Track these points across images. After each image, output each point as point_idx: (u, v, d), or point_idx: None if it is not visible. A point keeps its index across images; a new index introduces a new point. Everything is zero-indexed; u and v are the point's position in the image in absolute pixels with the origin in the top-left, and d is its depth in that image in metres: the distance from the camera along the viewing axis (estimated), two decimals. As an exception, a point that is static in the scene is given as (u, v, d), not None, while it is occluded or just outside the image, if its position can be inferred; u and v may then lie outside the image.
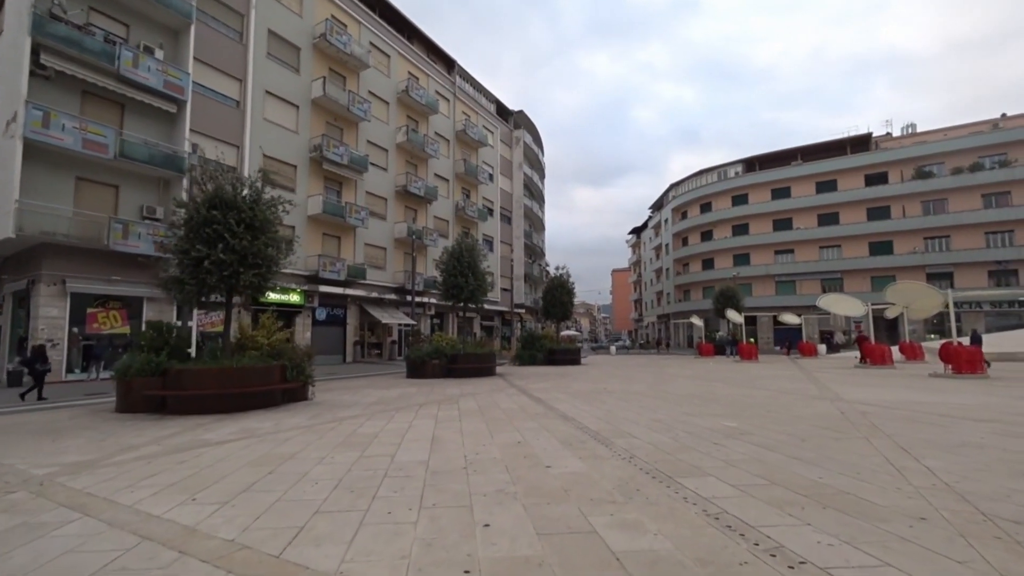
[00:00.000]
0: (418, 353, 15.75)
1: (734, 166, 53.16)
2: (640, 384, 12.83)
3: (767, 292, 47.97)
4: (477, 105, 39.53)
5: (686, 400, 9.25)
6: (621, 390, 11.29)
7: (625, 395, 10.23)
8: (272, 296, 22.01)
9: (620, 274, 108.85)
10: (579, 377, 15.49)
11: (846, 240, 45.28)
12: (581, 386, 12.39)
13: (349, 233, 26.30)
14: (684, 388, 11.62)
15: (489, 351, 16.90)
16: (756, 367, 19.87)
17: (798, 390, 10.89)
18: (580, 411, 7.92)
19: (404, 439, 5.78)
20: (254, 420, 7.41)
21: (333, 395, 10.89)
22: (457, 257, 16.75)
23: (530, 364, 22.86)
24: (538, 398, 9.86)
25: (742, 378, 14.45)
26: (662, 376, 15.58)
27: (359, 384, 13.76)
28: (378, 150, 28.89)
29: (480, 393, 10.90)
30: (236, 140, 20.87)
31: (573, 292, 24.97)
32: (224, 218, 9.01)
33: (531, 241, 47.10)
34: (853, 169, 45.84)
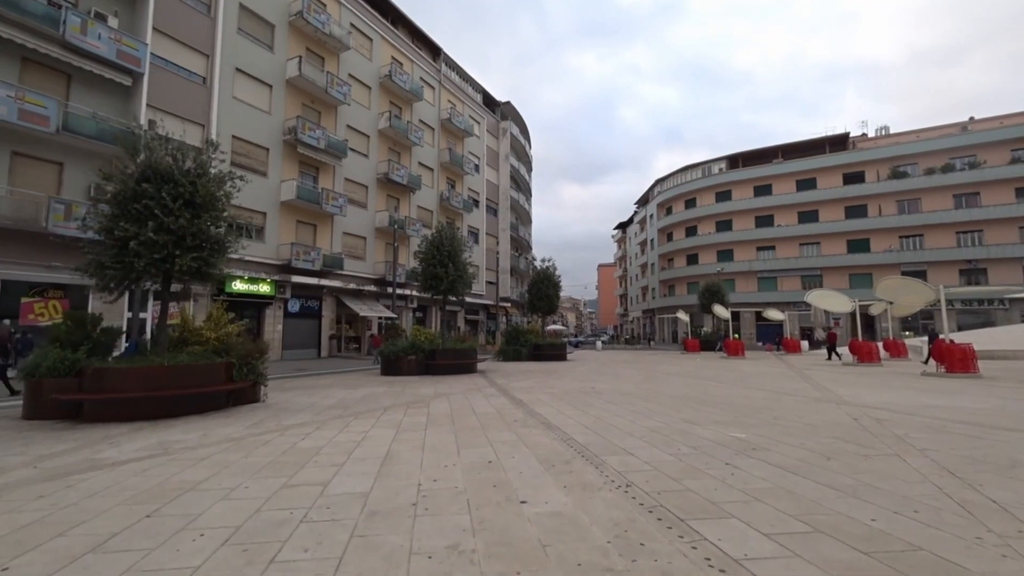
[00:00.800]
0: (392, 349, 14.69)
1: (718, 162, 52.83)
2: (629, 383, 11.99)
3: (750, 288, 47.84)
4: (463, 94, 38.26)
5: (681, 403, 8.40)
6: (610, 390, 10.42)
7: (614, 396, 9.35)
8: (239, 286, 20.72)
9: (606, 269, 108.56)
10: (565, 375, 14.62)
11: (825, 237, 45.33)
12: (567, 385, 11.50)
13: (326, 221, 24.98)
14: (676, 388, 10.80)
15: (470, 347, 15.92)
16: (744, 364, 19.25)
17: (796, 391, 10.14)
18: (565, 417, 7.00)
19: (350, 457, 4.78)
20: (179, 430, 6.33)
21: (290, 396, 9.81)
22: (436, 246, 15.70)
23: (514, 360, 21.96)
24: (519, 400, 8.92)
25: (733, 376, 13.73)
26: (652, 373, 14.80)
27: (325, 383, 12.67)
28: (359, 136, 27.53)
29: (455, 394, 9.92)
30: (202, 119, 19.42)
31: (559, 285, 24.09)
32: (157, 192, 7.84)
33: (517, 234, 46.10)
34: (832, 168, 45.89)
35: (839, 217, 44.40)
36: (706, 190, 52.00)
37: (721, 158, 52.20)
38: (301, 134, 22.54)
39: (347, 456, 4.83)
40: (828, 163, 45.44)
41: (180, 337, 9.59)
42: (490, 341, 36.34)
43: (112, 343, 9.23)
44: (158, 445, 5.46)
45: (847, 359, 18.82)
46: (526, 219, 50.92)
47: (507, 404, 8.41)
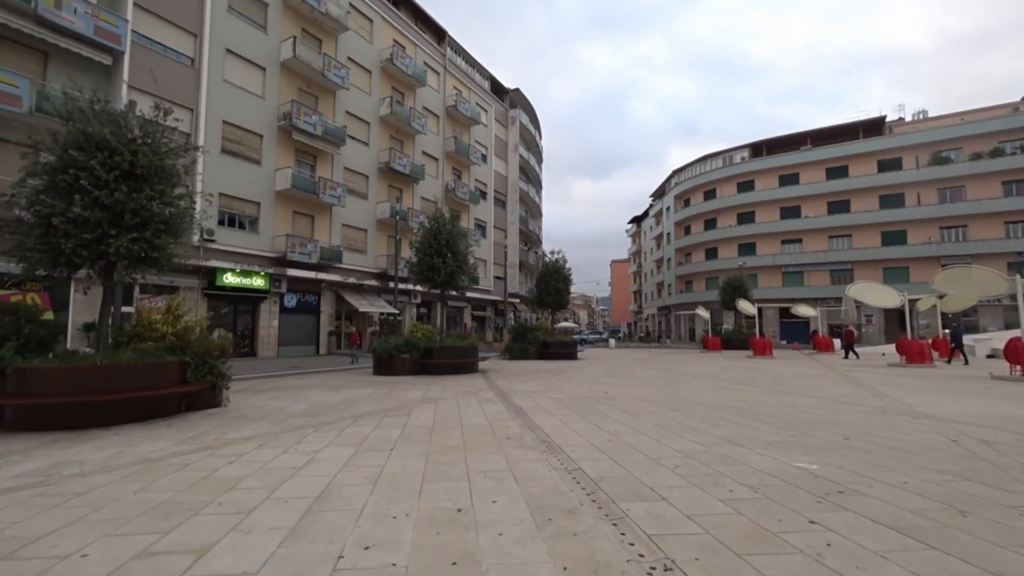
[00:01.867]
0: (385, 346, 13.40)
1: (740, 151, 50.68)
2: (648, 386, 10.51)
3: (774, 284, 45.76)
4: (470, 80, 36.87)
5: (716, 413, 6.92)
6: (626, 395, 8.96)
7: (632, 404, 7.90)
8: (231, 279, 19.65)
9: (619, 265, 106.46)
10: (574, 375, 13.18)
11: (857, 229, 43.06)
12: (575, 388, 10.07)
13: (324, 212, 23.83)
14: (705, 393, 9.30)
15: (470, 344, 14.57)
16: (775, 364, 17.59)
17: (851, 397, 8.58)
18: (572, 433, 5.58)
19: (271, 496, 3.43)
20: (94, 445, 5.08)
21: (260, 399, 8.54)
22: (433, 234, 14.35)
23: (521, 358, 20.57)
24: (518, 407, 7.52)
25: (768, 379, 12.15)
26: (672, 375, 13.28)
27: (310, 383, 11.41)
28: (358, 122, 26.33)
29: (446, 398, 8.56)
30: (190, 102, 18.34)
31: (570, 279, 22.61)
32: (87, 161, 6.59)
33: (527, 227, 44.66)
34: (865, 154, 43.50)
35: (873, 207, 42.09)
36: (727, 180, 49.93)
37: (743, 146, 50.05)
38: (296, 120, 21.38)
39: (268, 494, 3.49)
40: (862, 149, 43.07)
41: (134, 332, 8.34)
42: (497, 338, 35.00)
43: (53, 338, 8.06)
44: (49, 468, 4.20)
45: (892, 359, 17.08)
46: (536, 212, 49.42)
47: (503, 413, 7.02)
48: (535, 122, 48.36)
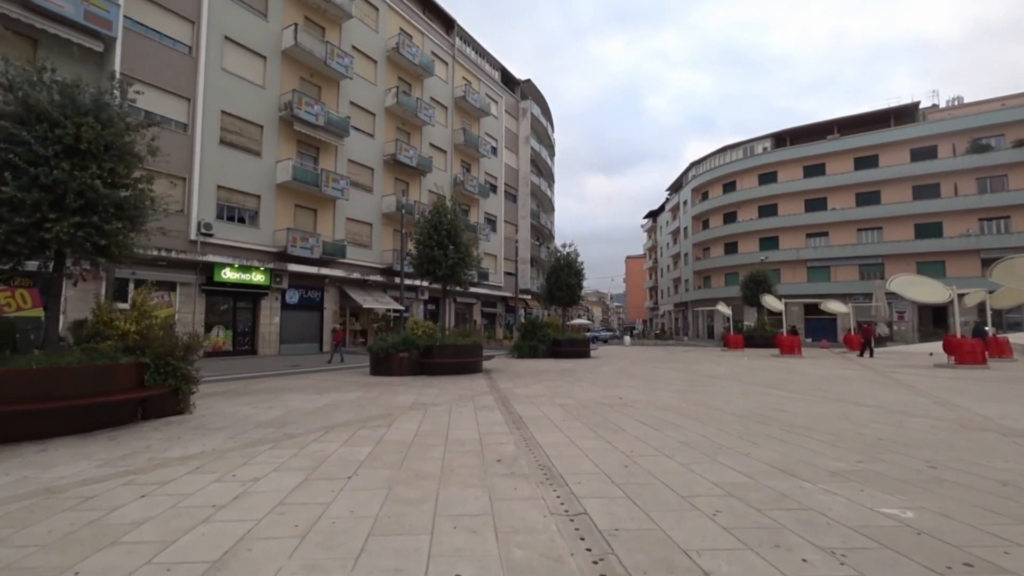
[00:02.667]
0: (382, 345, 12.49)
1: (762, 141, 48.77)
2: (668, 390, 9.38)
3: (798, 279, 43.91)
4: (479, 71, 35.83)
5: (753, 427, 5.80)
6: (644, 402, 7.87)
7: (651, 414, 6.81)
8: (229, 275, 18.99)
9: (634, 261, 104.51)
10: (585, 376, 12.10)
11: (888, 221, 41.01)
12: (586, 393, 9.01)
13: (327, 206, 23.08)
14: (735, 399, 8.15)
15: (473, 342, 13.59)
16: (806, 365, 16.24)
17: (911, 407, 7.36)
18: (578, 455, 4.54)
19: (156, 558, 2.48)
20: (0, 468, 4.20)
21: (231, 405, 7.66)
22: (434, 225, 13.38)
23: (530, 357, 19.55)
24: (518, 416, 6.50)
25: (804, 382, 10.91)
26: (694, 376, 12.11)
27: (297, 384, 10.55)
28: (363, 113, 25.52)
29: (438, 404, 7.57)
30: (187, 92, 17.68)
31: (582, 274, 21.47)
32: (22, 135, 5.75)
33: (538, 222, 43.52)
34: (898, 143, 41.35)
35: (906, 198, 40.02)
36: (748, 172, 48.11)
37: (765, 136, 48.13)
38: (297, 109, 20.62)
39: (152, 555, 2.52)
40: (894, 138, 40.94)
41: (94, 331, 7.52)
42: (507, 335, 34.00)
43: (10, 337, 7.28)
44: None
45: (939, 359, 15.62)
46: (548, 206, 48.24)
47: (499, 424, 6.00)
48: (547, 114, 47.14)
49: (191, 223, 17.38)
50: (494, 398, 8.25)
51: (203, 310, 17.80)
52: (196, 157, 17.56)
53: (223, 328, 18.79)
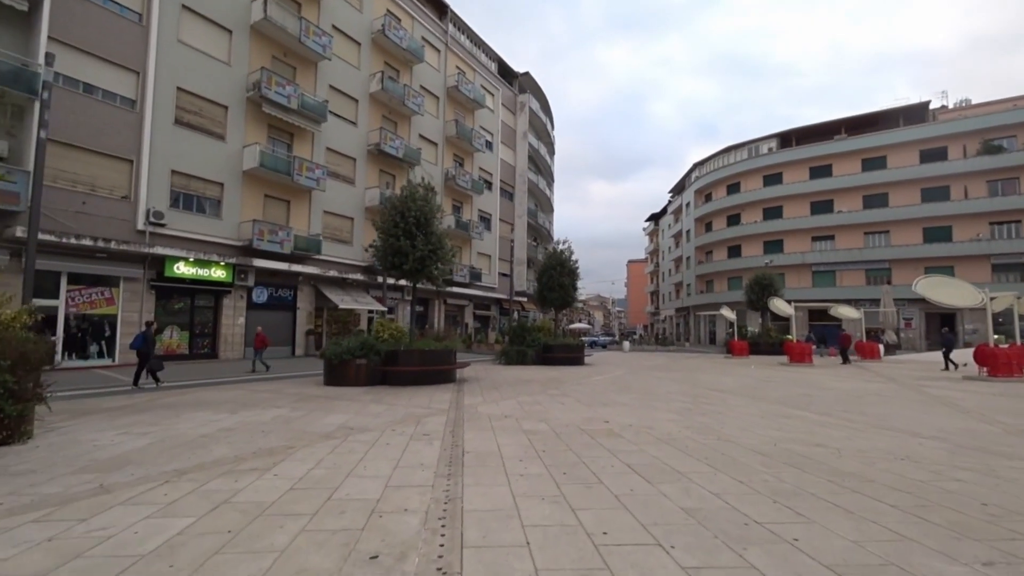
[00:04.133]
0: (336, 350, 10.72)
1: (767, 141, 47.00)
2: (668, 410, 7.60)
3: (803, 284, 42.10)
4: (474, 61, 34.14)
5: (789, 477, 4.03)
6: (636, 428, 6.09)
7: (644, 449, 5.04)
8: (182, 269, 17.24)
9: (636, 265, 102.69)
10: (572, 389, 10.32)
11: (896, 225, 39.26)
12: (566, 412, 7.24)
13: (302, 197, 21.34)
14: (752, 424, 6.38)
15: (445, 347, 11.80)
16: (821, 375, 14.45)
17: (982, 437, 5.58)
18: (513, 545, 2.79)
19: None
20: None
21: (95, 429, 5.89)
22: (401, 212, 11.65)
23: (519, 363, 17.79)
24: (461, 453, 4.73)
25: (828, 399, 9.12)
26: (698, 390, 10.32)
27: (216, 398, 8.78)
28: (345, 99, 23.81)
29: (369, 430, 5.79)
30: (135, 64, 15.96)
31: (576, 273, 19.71)
32: None
33: (536, 221, 41.78)
34: (906, 144, 39.62)
35: (914, 201, 38.29)
36: (752, 173, 46.38)
37: (770, 136, 46.38)
38: (266, 89, 18.88)
39: None
40: (902, 138, 39.24)
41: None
42: (499, 340, 32.20)
43: None
44: None
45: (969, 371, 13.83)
46: (547, 206, 46.50)
47: (424, 470, 4.21)
48: (547, 110, 45.45)
49: (139, 211, 15.64)
50: (446, 420, 6.48)
51: (152, 308, 16.04)
52: (145, 137, 15.83)
53: (178, 329, 17.03)
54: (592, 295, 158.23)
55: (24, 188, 12.85)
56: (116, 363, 15.15)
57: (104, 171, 15.19)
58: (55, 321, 13.92)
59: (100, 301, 15.03)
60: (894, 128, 40.53)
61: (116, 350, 15.30)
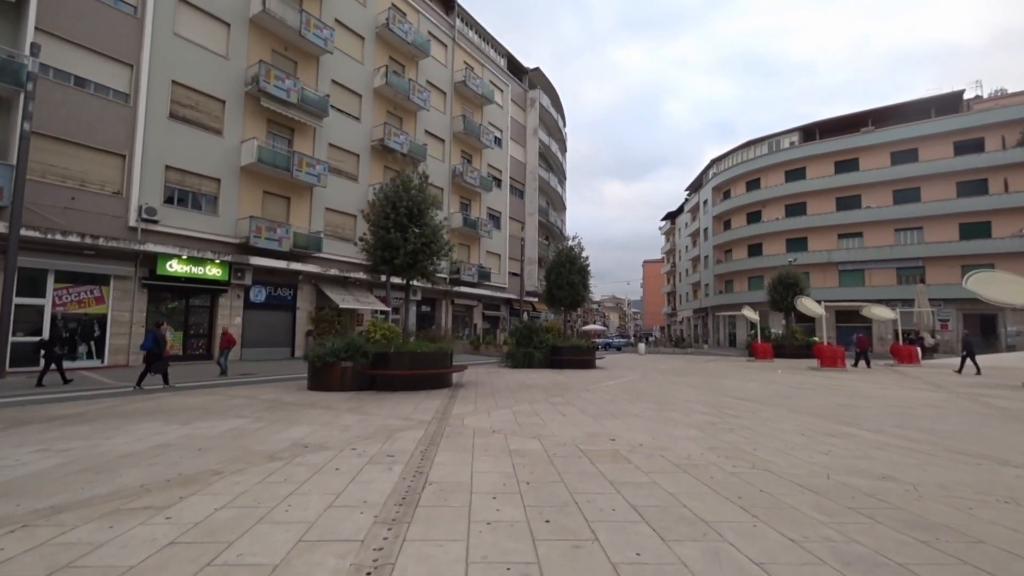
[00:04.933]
0: (319, 352, 9.84)
1: (788, 135, 45.15)
2: (687, 425, 6.51)
3: (828, 283, 40.19)
4: (483, 56, 33.30)
5: (859, 532, 2.96)
6: (646, 450, 5.03)
7: (656, 480, 3.99)
8: (176, 267, 16.61)
9: (652, 265, 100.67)
10: (579, 396, 9.25)
11: (930, 221, 37.19)
12: (566, 427, 6.20)
13: (302, 193, 20.68)
14: (793, 447, 5.26)
15: (438, 350, 10.83)
16: (859, 381, 13.09)
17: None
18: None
19: None
20: None
21: (6, 446, 5.06)
22: (392, 203, 10.75)
23: (525, 366, 16.77)
24: (422, 485, 3.74)
25: (876, 411, 7.89)
26: (721, 399, 9.15)
27: (182, 404, 7.95)
28: (348, 94, 23.14)
29: (326, 449, 4.84)
30: (129, 57, 15.43)
31: (587, 271, 18.61)
32: None
33: (548, 220, 40.71)
34: (940, 135, 37.50)
35: (949, 195, 36.21)
36: (773, 168, 44.61)
37: (793, 130, 44.55)
38: (265, 83, 18.25)
39: None
40: (935, 129, 37.16)
41: None
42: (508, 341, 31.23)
43: None
44: None
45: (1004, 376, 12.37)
46: (559, 204, 45.39)
47: (363, 512, 3.23)
48: (558, 106, 44.36)
49: (131, 207, 15.07)
50: (423, 436, 5.50)
51: (144, 308, 15.47)
52: (139, 131, 15.28)
53: (171, 329, 16.43)
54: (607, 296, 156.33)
55: (7, 182, 12.34)
56: (106, 364, 14.58)
57: (95, 166, 14.64)
58: (40, 320, 13.38)
59: (89, 300, 14.46)
60: (925, 119, 38.44)
61: (106, 351, 14.72)
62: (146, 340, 10.62)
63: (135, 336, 15.16)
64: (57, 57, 13.81)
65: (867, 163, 39.99)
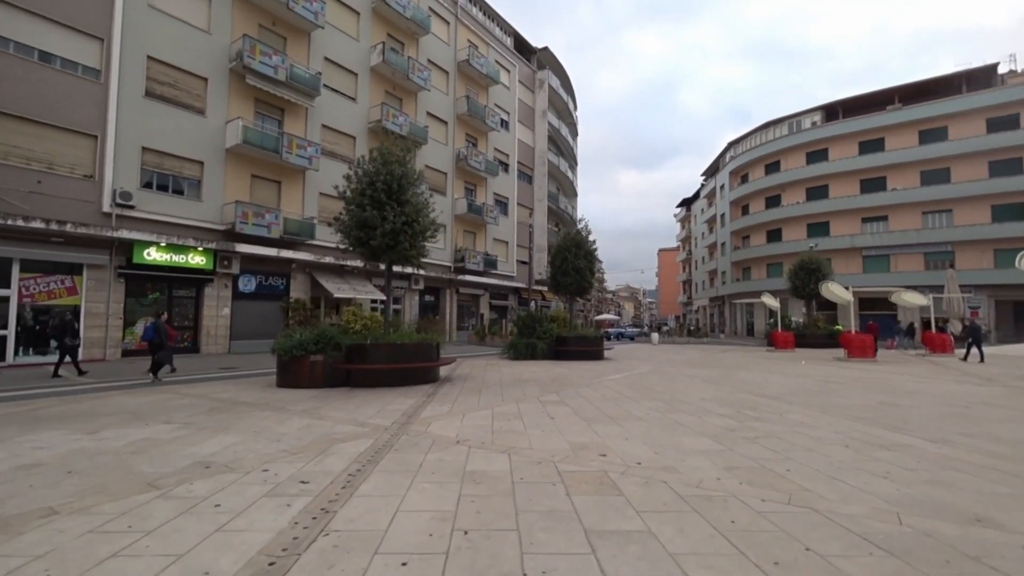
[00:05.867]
0: (286, 344, 8.82)
1: (810, 115, 42.88)
2: (701, 432, 5.31)
3: (851, 269, 38.20)
4: (488, 35, 31.81)
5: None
6: (647, 472, 3.86)
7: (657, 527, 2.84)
8: (154, 255, 15.77)
9: (667, 254, 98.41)
10: (577, 393, 8.09)
11: (960, 203, 35.05)
12: (551, 436, 5.06)
13: (294, 177, 19.70)
14: (838, 464, 4.05)
15: (422, 341, 9.73)
16: (894, 374, 11.70)
17: None
18: None
19: None
20: None
21: None
22: (371, 179, 9.63)
23: (528, 358, 15.68)
24: (324, 534, 2.63)
25: (927, 411, 6.59)
26: (741, 395, 7.90)
27: (119, 405, 7.00)
28: (343, 73, 22.01)
29: (233, 469, 3.77)
30: (99, 31, 14.47)
31: (594, 256, 17.34)
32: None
33: (558, 206, 39.30)
34: (971, 112, 35.13)
35: (981, 175, 33.98)
36: (794, 150, 42.51)
37: (814, 109, 42.31)
38: (250, 59, 17.19)
39: None
40: (966, 106, 34.82)
41: None
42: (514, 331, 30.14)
43: None
44: None
45: None
46: (570, 190, 43.88)
47: None
48: (568, 88, 42.62)
49: (104, 191, 14.23)
50: (364, 451, 4.41)
51: (122, 299, 14.69)
52: (111, 111, 14.38)
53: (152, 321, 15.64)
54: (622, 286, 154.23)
55: (-36, 164, 11.51)
56: (80, 358, 13.81)
57: (64, 147, 13.77)
58: (6, 312, 12.64)
59: (60, 291, 13.68)
60: (956, 96, 35.99)
61: (80, 344, 13.93)
62: (146, 332, 10.61)
63: (112, 329, 14.40)
64: (16, 29, 12.90)
65: (893, 143, 37.77)
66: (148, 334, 10.40)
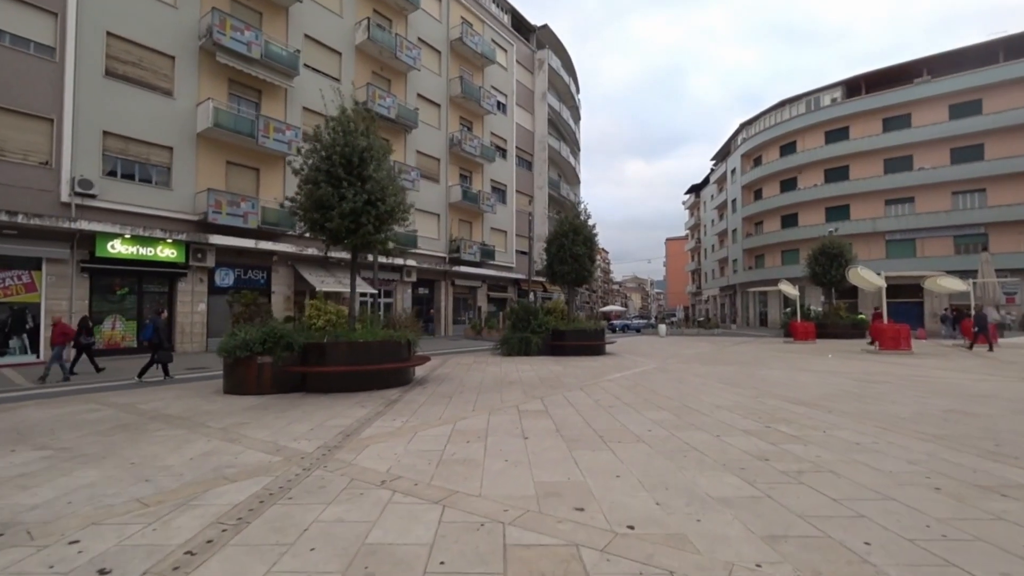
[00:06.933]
0: (230, 344, 7.57)
1: (829, 91, 40.63)
2: (721, 455, 3.97)
3: (874, 255, 36.17)
4: (482, 11, 30.20)
5: None
6: (642, 541, 2.54)
7: None
8: (119, 248, 14.48)
9: (675, 243, 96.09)
10: (568, 399, 6.75)
11: (994, 181, 32.89)
12: (511, 477, 3.73)
13: (273, 164, 18.48)
14: (941, 511, 2.69)
15: (390, 338, 8.43)
16: (938, 368, 10.21)
17: None
18: None
19: None
20: None
21: None
22: (328, 152, 8.29)
23: (521, 353, 14.35)
24: None
25: (1008, 418, 5.17)
26: (768, 403, 6.51)
27: (19, 420, 5.81)
28: (325, 52, 20.67)
29: (39, 538, 2.51)
30: (52, 5, 13.27)
31: (594, 243, 15.92)
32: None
33: (559, 193, 37.74)
34: (1007, 83, 32.78)
35: (1018, 151, 31.72)
36: (811, 129, 40.39)
37: (834, 85, 40.07)
38: (220, 34, 15.90)
39: None
40: (1002, 76, 32.49)
41: None
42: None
43: None
44: None
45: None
46: (572, 176, 42.23)
47: None
48: (569, 68, 40.83)
49: (62, 179, 13.12)
50: (243, 501, 3.13)
51: (86, 295, 13.63)
52: (68, 92, 13.23)
53: (122, 318, 14.60)
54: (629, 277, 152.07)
55: None
56: (41, 359, 12.79)
57: (15, 132, 12.64)
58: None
59: (17, 287, 12.61)
60: (992, 65, 33.59)
61: (40, 344, 12.92)
62: (146, 330, 10.19)
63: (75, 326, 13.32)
64: None
65: (921, 118, 35.54)
66: (148, 334, 9.86)
